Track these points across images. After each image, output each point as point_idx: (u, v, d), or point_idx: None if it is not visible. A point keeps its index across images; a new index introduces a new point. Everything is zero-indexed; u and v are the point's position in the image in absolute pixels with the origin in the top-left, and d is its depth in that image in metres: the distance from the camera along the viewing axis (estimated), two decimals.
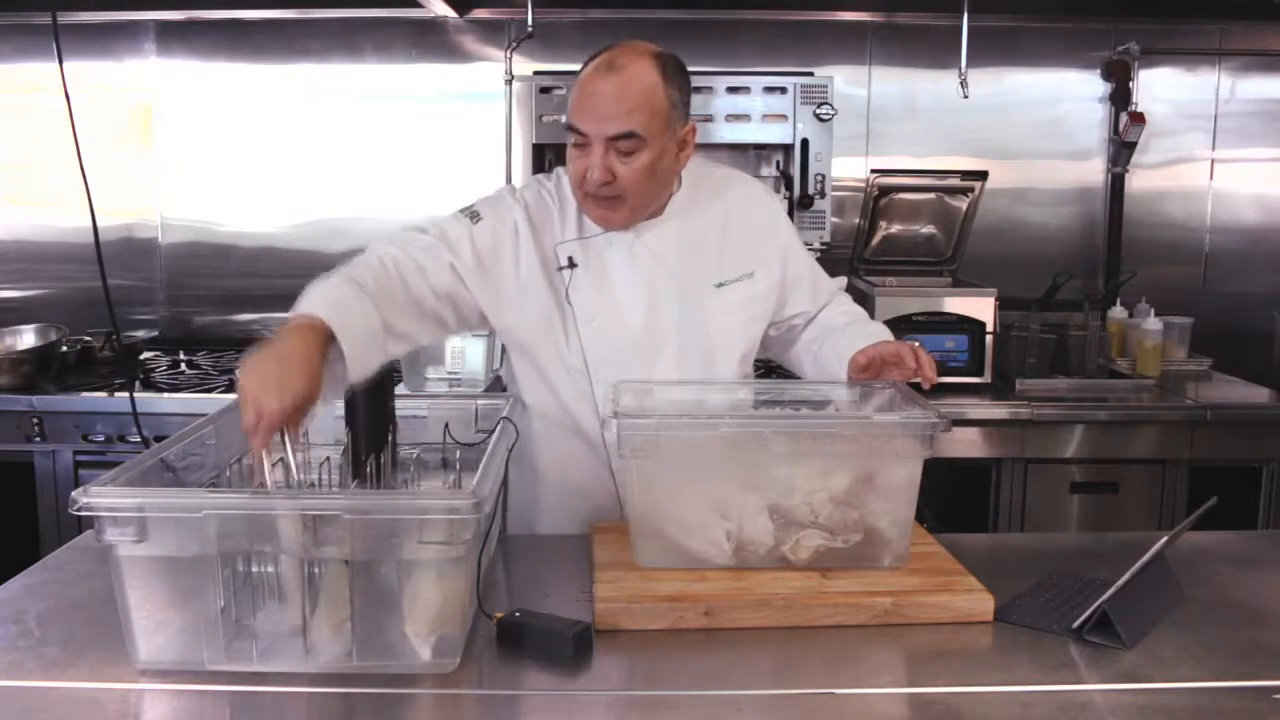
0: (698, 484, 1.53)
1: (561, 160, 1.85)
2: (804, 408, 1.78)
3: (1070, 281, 3.40)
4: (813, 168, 3.13)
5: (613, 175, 1.69)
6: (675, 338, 1.83)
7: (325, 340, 1.48)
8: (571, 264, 1.80)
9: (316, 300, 1.53)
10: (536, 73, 3.34)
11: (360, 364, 1.51)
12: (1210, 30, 3.63)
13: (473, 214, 1.80)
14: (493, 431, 1.60)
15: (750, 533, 1.53)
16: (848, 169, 3.57)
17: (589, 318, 1.80)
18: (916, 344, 1.79)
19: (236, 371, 1.39)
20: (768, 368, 2.79)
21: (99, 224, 1.92)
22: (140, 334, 3.62)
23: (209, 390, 2.99)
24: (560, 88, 3.13)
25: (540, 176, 1.92)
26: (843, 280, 2.06)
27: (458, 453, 1.69)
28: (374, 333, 1.56)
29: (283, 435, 1.36)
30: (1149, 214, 3.69)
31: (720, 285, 1.86)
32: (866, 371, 1.76)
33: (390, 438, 1.58)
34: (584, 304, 1.80)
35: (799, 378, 2.03)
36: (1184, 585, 1.55)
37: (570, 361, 1.82)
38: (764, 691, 1.28)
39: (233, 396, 1.48)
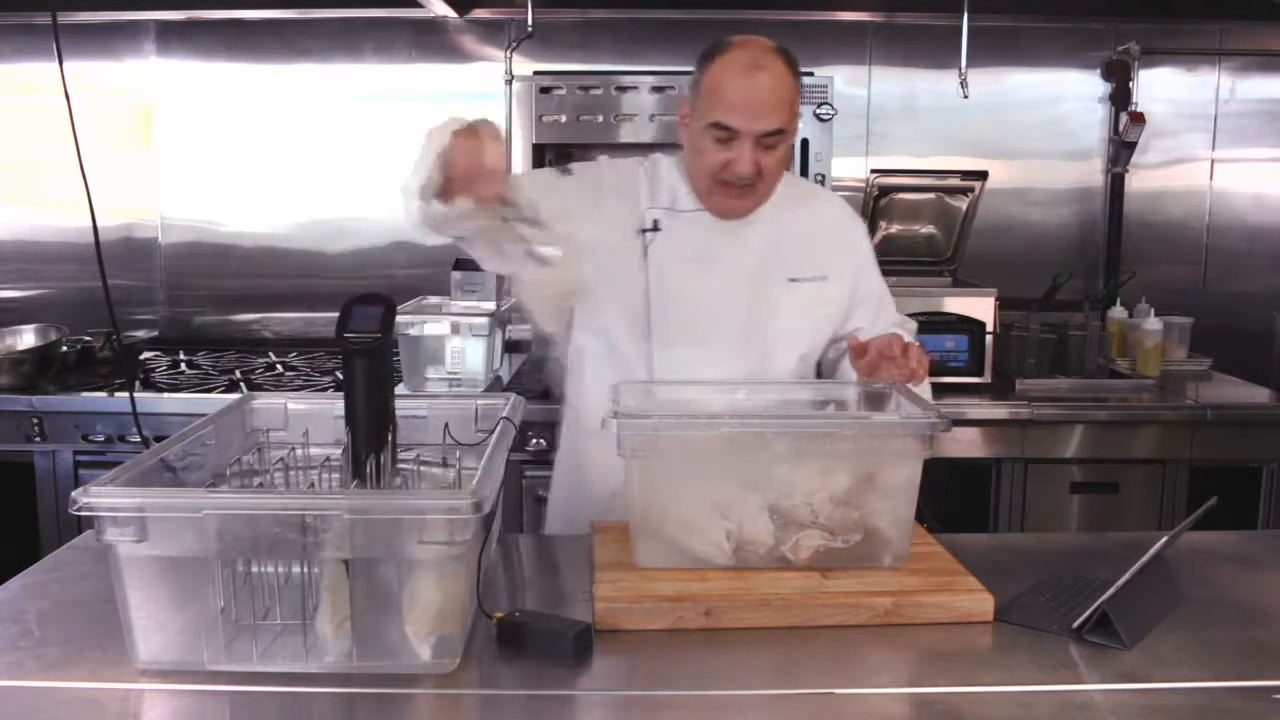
0: (698, 484, 1.53)
1: (561, 160, 1.87)
2: (804, 408, 1.78)
3: (1070, 281, 3.40)
4: (813, 168, 3.13)
5: (759, 168, 1.79)
6: (741, 317, 1.89)
7: None
8: (656, 227, 1.90)
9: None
10: (536, 73, 3.34)
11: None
12: (1210, 30, 3.63)
13: (565, 169, 1.95)
14: (493, 431, 1.60)
15: (750, 533, 1.53)
16: (848, 169, 3.58)
17: (661, 276, 1.88)
18: (915, 341, 1.80)
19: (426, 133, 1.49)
20: None
21: (99, 224, 1.92)
22: (140, 334, 3.62)
23: (209, 390, 2.99)
24: (560, 88, 3.14)
25: (636, 158, 2.02)
26: (912, 323, 2.09)
27: (458, 453, 1.69)
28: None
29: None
30: (1149, 214, 3.69)
31: (793, 281, 1.92)
32: (861, 357, 1.78)
33: (390, 438, 1.58)
34: (659, 264, 1.89)
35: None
36: (1184, 585, 1.55)
37: (634, 318, 1.89)
38: (764, 691, 1.28)
39: (233, 396, 1.48)
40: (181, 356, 3.44)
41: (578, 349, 2.02)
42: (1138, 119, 3.51)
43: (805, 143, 3.12)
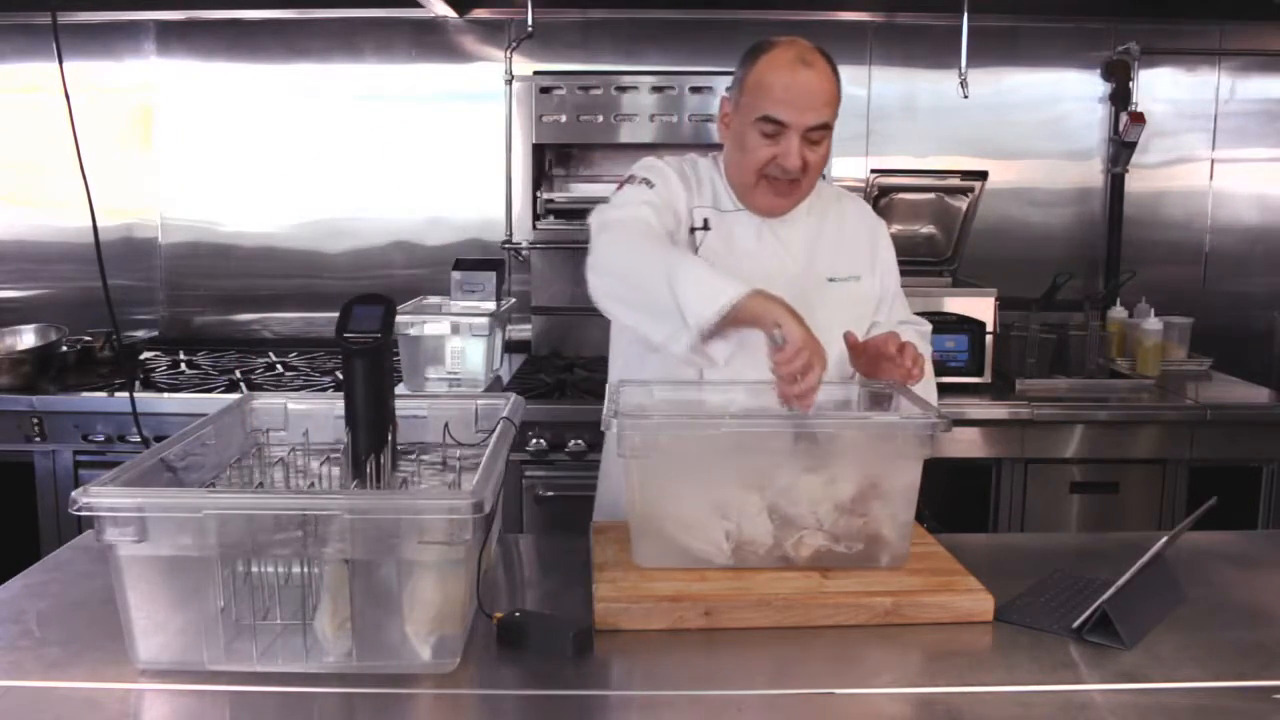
0: (698, 484, 1.53)
1: (561, 161, 1.87)
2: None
3: (1070, 281, 3.40)
4: None
5: (806, 163, 1.81)
6: None
7: None
8: (705, 226, 1.91)
9: (728, 284, 1.60)
10: (536, 73, 3.34)
11: None
12: (1210, 30, 3.63)
13: (645, 181, 1.91)
14: (493, 431, 1.60)
15: (750, 532, 1.53)
16: (848, 169, 3.58)
17: None
18: (909, 343, 1.79)
19: (785, 329, 1.53)
20: None
21: (99, 224, 1.92)
22: (140, 334, 3.62)
23: (209, 390, 2.99)
24: (560, 87, 3.14)
25: (668, 157, 2.01)
26: (928, 327, 2.13)
27: (457, 452, 1.69)
28: None
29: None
30: (1149, 214, 3.69)
31: (831, 280, 1.94)
32: (860, 355, 1.79)
33: (390, 438, 1.58)
34: (711, 259, 1.87)
35: None
36: (1184, 585, 1.55)
37: None
38: (764, 691, 1.28)
39: (233, 396, 1.48)
40: (181, 356, 3.44)
41: (621, 349, 2.00)
42: (1138, 119, 3.51)
43: None
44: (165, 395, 2.95)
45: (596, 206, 1.87)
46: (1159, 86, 3.63)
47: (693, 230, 1.91)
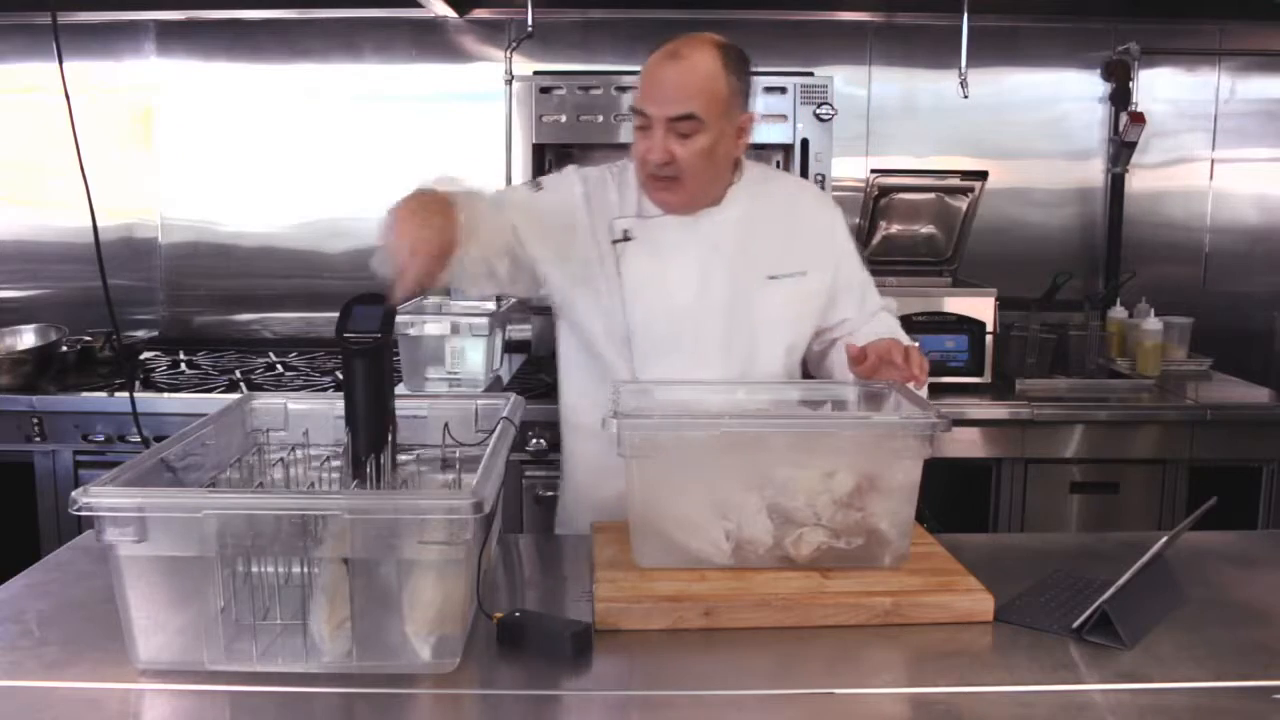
0: (697, 484, 1.53)
1: (561, 161, 1.88)
2: (804, 407, 1.78)
3: (1070, 281, 3.40)
4: (813, 168, 3.13)
5: (672, 156, 1.76)
6: (722, 321, 1.87)
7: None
8: (626, 237, 1.88)
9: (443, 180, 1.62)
10: (536, 73, 3.34)
11: (472, 238, 1.60)
12: (1210, 30, 3.63)
13: (535, 184, 1.93)
14: (493, 431, 1.60)
15: (750, 532, 1.53)
16: (848, 169, 3.57)
17: (638, 288, 1.87)
18: (914, 344, 1.79)
19: (388, 214, 1.52)
20: None
21: (99, 224, 1.92)
22: (140, 334, 3.61)
23: (209, 390, 2.98)
24: (560, 87, 3.13)
25: (607, 164, 2.00)
26: (893, 303, 2.10)
27: (457, 452, 1.69)
28: (491, 223, 1.67)
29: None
30: (1149, 214, 3.69)
31: (772, 278, 1.90)
32: (861, 364, 1.77)
33: (390, 438, 1.58)
34: (634, 274, 1.87)
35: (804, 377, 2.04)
36: (1184, 585, 1.55)
37: (615, 331, 1.88)
38: (764, 691, 1.28)
39: (233, 396, 1.48)
40: (181, 356, 3.43)
41: (565, 357, 2.02)
42: (1138, 119, 3.51)
43: (805, 143, 3.12)
44: (165, 395, 2.95)
45: None
46: (1159, 86, 3.63)
47: (614, 242, 1.88)
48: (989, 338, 3.09)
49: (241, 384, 3.04)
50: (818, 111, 3.11)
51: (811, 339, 2.00)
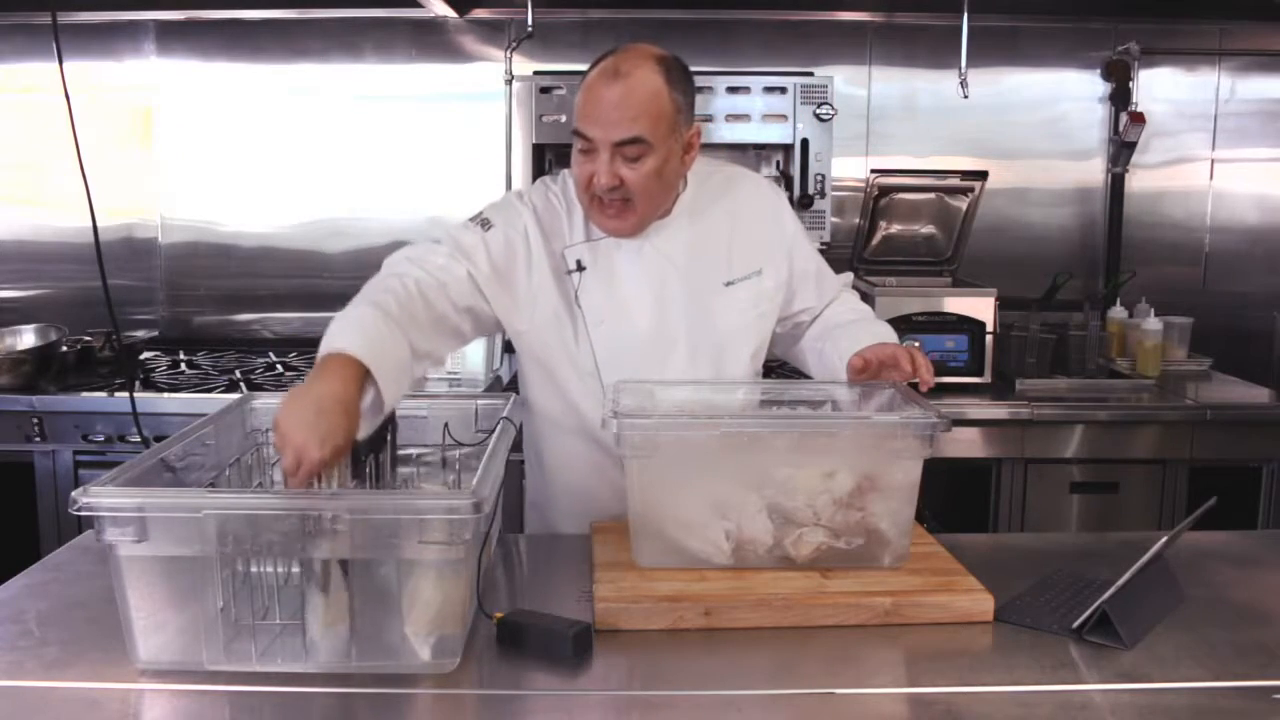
0: (697, 483, 1.53)
1: (561, 161, 1.86)
2: (804, 408, 1.78)
3: (1070, 281, 3.40)
4: (813, 168, 3.13)
5: (620, 180, 1.69)
6: (685, 337, 1.84)
7: (361, 376, 1.43)
8: (580, 267, 1.82)
9: (348, 335, 1.47)
10: (536, 73, 3.34)
11: (394, 396, 1.49)
12: (1210, 30, 3.63)
13: (483, 221, 1.80)
14: (493, 431, 1.60)
15: (750, 532, 1.53)
16: (848, 169, 3.57)
17: (598, 319, 1.82)
18: (915, 345, 1.79)
19: (277, 414, 1.35)
20: (767, 366, 2.78)
21: (99, 224, 1.92)
22: (140, 334, 3.61)
23: (209, 390, 2.99)
24: (560, 88, 3.13)
25: (546, 179, 1.92)
26: (849, 276, 2.07)
27: (457, 453, 1.69)
28: (404, 361, 1.54)
29: (318, 480, 1.34)
30: (1149, 214, 3.69)
31: (729, 284, 1.87)
32: (863, 374, 1.76)
33: (390, 438, 1.58)
34: (593, 306, 1.81)
35: (803, 377, 2.03)
36: (1184, 585, 1.55)
37: (581, 364, 1.83)
38: (764, 691, 1.28)
39: (233, 396, 1.48)
40: (181, 356, 3.44)
41: (524, 378, 1.96)
42: (1138, 119, 3.51)
43: (805, 143, 3.12)
44: (165, 395, 2.95)
45: (407, 245, 1.78)
46: (1159, 86, 3.63)
47: (568, 272, 1.82)
48: (989, 338, 3.09)
49: (241, 384, 3.04)
50: (818, 111, 3.11)
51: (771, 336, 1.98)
